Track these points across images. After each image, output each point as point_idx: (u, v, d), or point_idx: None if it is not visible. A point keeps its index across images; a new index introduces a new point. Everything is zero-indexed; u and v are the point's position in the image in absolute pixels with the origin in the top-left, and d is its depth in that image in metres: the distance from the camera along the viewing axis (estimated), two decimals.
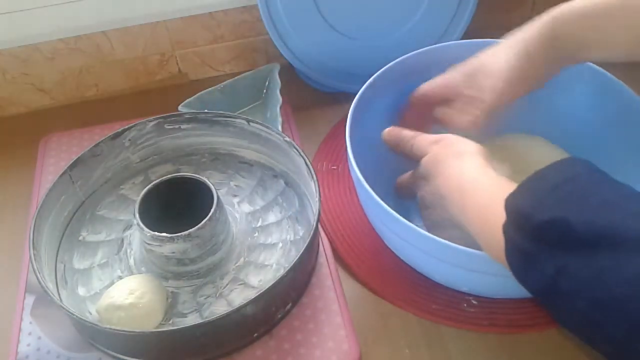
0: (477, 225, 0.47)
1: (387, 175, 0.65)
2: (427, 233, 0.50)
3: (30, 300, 0.61)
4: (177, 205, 0.62)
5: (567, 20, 0.54)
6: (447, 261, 0.52)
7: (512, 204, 0.42)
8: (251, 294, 0.56)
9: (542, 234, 0.38)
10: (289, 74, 0.83)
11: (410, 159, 0.56)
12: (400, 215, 0.52)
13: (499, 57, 0.57)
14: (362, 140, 0.61)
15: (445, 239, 0.50)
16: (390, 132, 0.59)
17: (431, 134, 0.56)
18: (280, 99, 0.74)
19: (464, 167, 0.50)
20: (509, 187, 0.43)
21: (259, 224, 0.66)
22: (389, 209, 0.53)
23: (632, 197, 0.38)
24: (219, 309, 0.59)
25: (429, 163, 0.53)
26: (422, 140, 0.56)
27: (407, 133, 0.57)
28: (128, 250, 0.64)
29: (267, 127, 0.67)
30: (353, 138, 0.59)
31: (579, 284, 0.36)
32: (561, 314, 0.40)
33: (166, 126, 0.69)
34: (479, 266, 0.51)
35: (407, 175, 0.58)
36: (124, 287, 0.57)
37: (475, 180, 0.48)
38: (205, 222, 0.58)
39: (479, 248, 0.48)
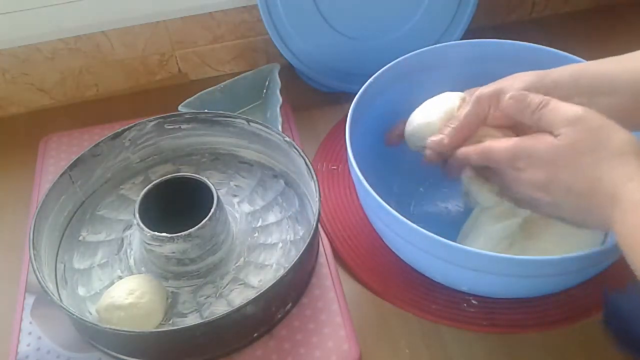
0: None
1: (387, 176, 0.65)
2: (426, 232, 0.50)
3: (30, 300, 0.61)
4: (177, 205, 0.62)
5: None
6: (447, 260, 0.52)
7: None
8: (251, 294, 0.56)
9: None
10: (289, 74, 0.84)
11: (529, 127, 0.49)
12: (401, 215, 0.52)
13: None
14: (362, 140, 0.61)
15: None
16: (514, 95, 0.50)
17: None
18: (280, 99, 0.74)
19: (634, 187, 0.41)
20: None
21: (259, 224, 0.66)
22: (389, 208, 0.52)
23: None
24: (219, 309, 0.59)
25: (562, 150, 0.45)
26: (555, 112, 0.47)
27: (535, 99, 0.48)
28: (128, 250, 0.64)
29: (267, 127, 0.67)
30: (353, 138, 0.59)
31: None
32: None
33: (166, 126, 0.69)
34: (478, 265, 0.51)
35: (478, 150, 0.51)
36: (124, 287, 0.57)
37: None
38: (205, 222, 0.58)
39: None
